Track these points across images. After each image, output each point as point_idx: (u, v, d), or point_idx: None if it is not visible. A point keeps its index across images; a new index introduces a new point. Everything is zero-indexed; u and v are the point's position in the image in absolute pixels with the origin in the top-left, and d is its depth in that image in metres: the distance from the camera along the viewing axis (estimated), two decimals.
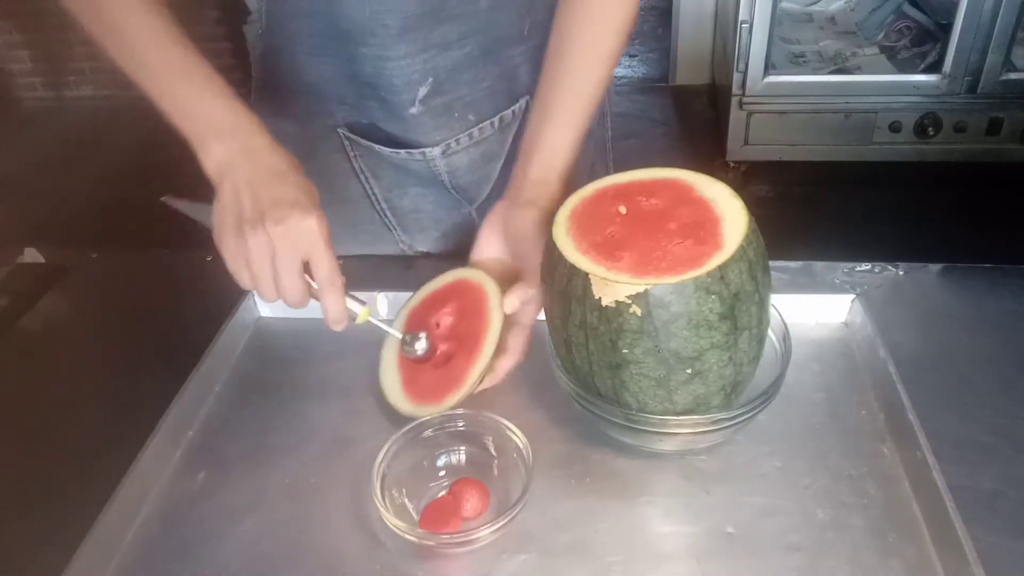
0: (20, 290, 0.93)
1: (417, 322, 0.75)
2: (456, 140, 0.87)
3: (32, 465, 0.71)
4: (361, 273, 0.84)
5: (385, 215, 0.97)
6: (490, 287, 0.73)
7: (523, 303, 0.70)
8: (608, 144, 1.05)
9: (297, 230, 0.63)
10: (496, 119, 0.89)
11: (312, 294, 0.67)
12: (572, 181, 0.75)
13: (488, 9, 0.80)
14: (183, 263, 0.99)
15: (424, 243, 0.99)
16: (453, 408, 0.68)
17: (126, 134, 3.24)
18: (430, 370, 0.72)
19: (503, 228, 0.74)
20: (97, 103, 3.53)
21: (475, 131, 0.88)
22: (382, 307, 0.83)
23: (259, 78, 0.90)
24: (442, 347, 0.73)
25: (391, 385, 0.73)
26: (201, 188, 0.69)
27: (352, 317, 0.69)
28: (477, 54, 0.83)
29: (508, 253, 0.75)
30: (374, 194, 0.95)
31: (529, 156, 0.75)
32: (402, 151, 0.87)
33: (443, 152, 0.87)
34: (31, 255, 0.99)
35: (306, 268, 0.65)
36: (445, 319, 0.74)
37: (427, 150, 0.86)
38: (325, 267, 0.65)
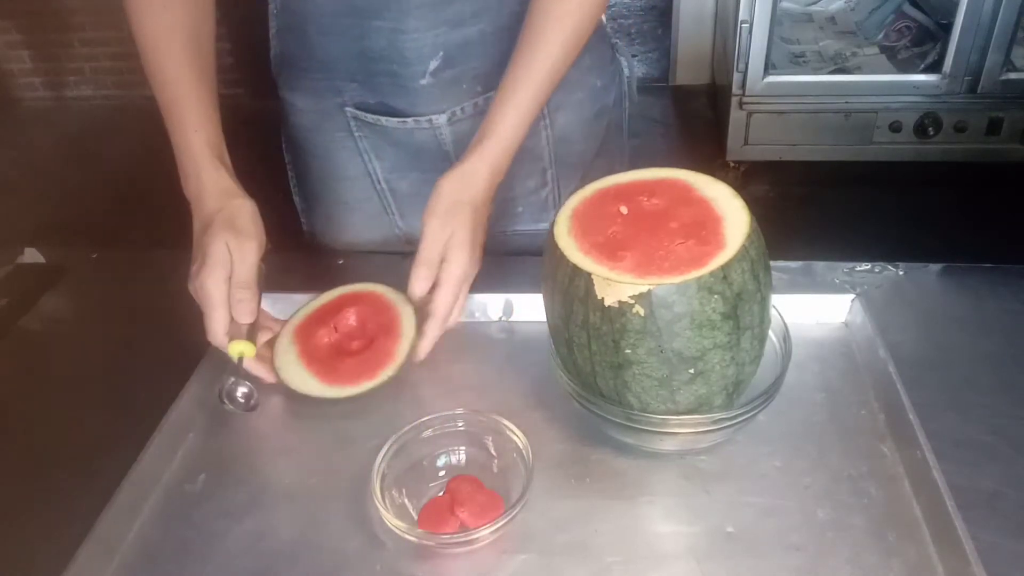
0: (20, 290, 0.93)
1: (311, 329, 0.79)
2: (462, 108, 0.88)
3: (32, 465, 0.71)
4: (364, 268, 0.84)
5: (384, 196, 0.98)
6: (382, 289, 0.80)
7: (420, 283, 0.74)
8: (625, 125, 1.05)
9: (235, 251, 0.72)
10: None
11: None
12: (508, 160, 0.79)
13: None
14: (183, 263, 0.99)
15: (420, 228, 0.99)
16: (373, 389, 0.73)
17: (126, 134, 3.24)
18: (345, 359, 0.76)
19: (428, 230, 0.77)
20: (97, 103, 3.53)
21: (480, 100, 0.88)
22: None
23: (275, 55, 0.92)
24: (351, 343, 0.78)
25: (296, 374, 0.75)
26: None
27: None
28: (490, 31, 0.84)
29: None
30: (375, 173, 0.96)
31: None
32: (409, 119, 0.88)
33: (448, 120, 0.88)
34: (31, 255, 0.99)
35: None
36: (344, 321, 0.79)
37: (433, 117, 0.88)
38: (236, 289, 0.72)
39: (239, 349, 0.72)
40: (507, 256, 0.95)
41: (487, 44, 0.85)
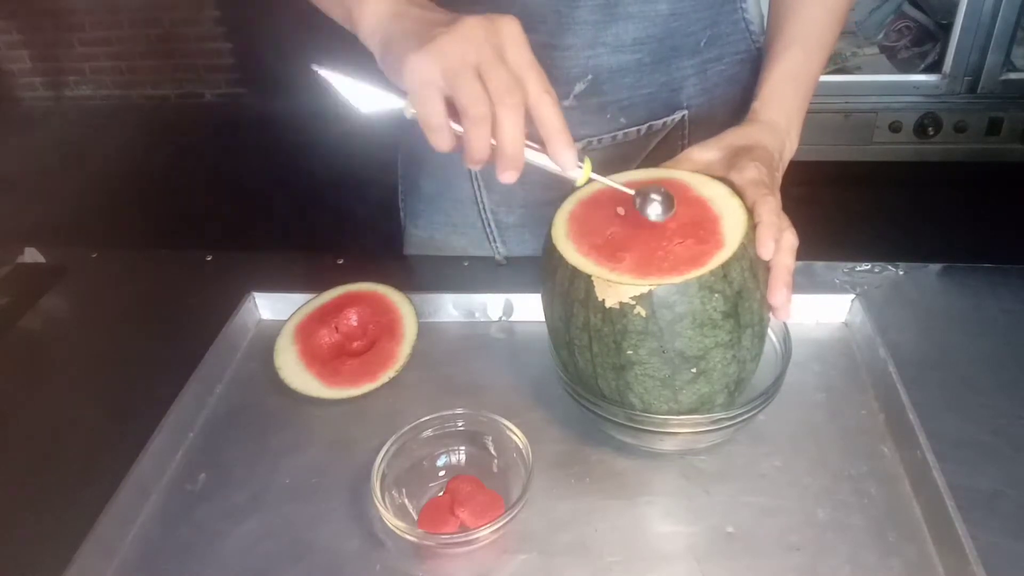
0: (20, 290, 0.93)
1: (311, 329, 0.79)
2: (599, 139, 0.85)
3: (32, 465, 0.71)
4: (364, 268, 0.84)
5: (488, 224, 0.96)
6: (383, 289, 0.81)
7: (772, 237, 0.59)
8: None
9: (498, 23, 0.55)
10: (645, 127, 0.86)
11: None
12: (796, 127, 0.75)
13: (668, 15, 0.78)
14: (183, 263, 0.99)
15: (521, 252, 0.98)
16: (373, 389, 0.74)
17: (126, 134, 3.24)
18: (346, 360, 0.77)
19: (718, 139, 0.68)
20: (97, 103, 3.53)
21: (620, 134, 0.85)
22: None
23: None
24: (352, 344, 0.79)
25: (297, 374, 0.75)
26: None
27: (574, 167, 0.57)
28: (648, 61, 0.80)
29: (719, 163, 0.67)
30: (482, 203, 0.94)
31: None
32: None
33: (583, 148, 0.85)
34: (31, 255, 0.99)
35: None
36: (345, 322, 0.80)
37: None
38: (536, 73, 0.54)
39: (588, 173, 0.57)
40: (509, 256, 0.95)
41: (642, 74, 0.81)
